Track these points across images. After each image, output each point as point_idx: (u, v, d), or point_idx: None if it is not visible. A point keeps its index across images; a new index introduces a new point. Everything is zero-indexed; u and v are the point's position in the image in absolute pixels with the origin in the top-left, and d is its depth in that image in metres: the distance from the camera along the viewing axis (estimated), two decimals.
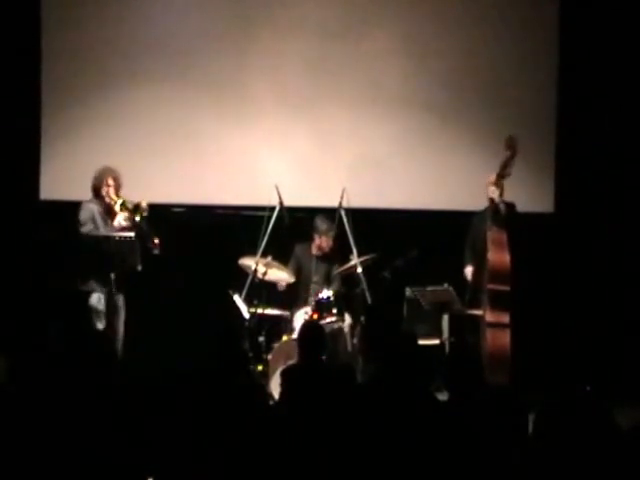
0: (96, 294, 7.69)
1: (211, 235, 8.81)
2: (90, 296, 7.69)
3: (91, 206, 7.82)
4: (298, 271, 8.44)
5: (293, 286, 8.36)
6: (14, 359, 5.08)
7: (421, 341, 6.60)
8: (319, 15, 8.96)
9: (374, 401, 4.99)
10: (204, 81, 8.97)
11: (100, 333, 6.99)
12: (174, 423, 4.73)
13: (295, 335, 7.46)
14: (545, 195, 9.05)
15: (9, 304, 8.47)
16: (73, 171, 8.52)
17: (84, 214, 7.78)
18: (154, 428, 4.65)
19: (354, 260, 8.11)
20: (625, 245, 8.92)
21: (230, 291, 8.04)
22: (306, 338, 5.94)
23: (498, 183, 8.00)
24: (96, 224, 7.78)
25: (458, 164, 8.98)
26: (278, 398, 5.94)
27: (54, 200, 8.77)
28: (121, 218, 7.73)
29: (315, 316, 7.97)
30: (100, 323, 7.66)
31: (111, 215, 7.80)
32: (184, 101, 8.93)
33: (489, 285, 7.84)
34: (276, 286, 8.30)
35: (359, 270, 8.07)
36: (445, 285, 8.07)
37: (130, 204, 7.72)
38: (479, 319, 7.92)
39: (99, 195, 7.84)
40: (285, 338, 7.94)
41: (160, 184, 8.76)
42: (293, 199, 8.44)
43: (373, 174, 8.99)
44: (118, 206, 7.74)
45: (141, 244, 7.66)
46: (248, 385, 5.41)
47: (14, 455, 4.33)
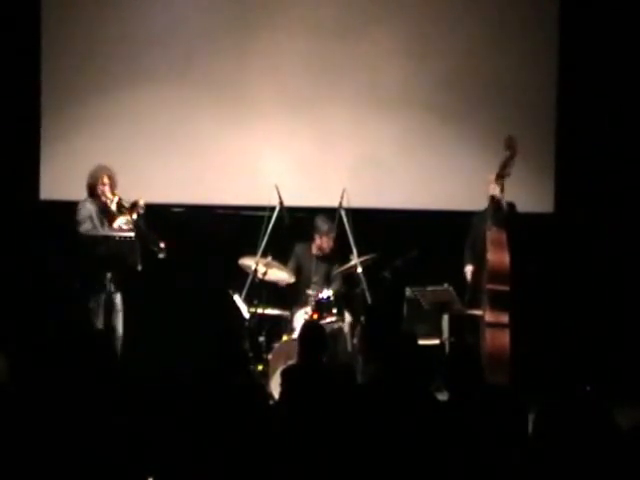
0: (95, 294, 7.69)
1: (211, 235, 8.81)
2: (89, 296, 7.69)
3: (88, 205, 7.80)
4: (298, 271, 8.44)
5: (293, 286, 8.36)
6: (14, 359, 5.08)
7: (421, 341, 6.60)
8: (319, 15, 8.96)
9: (374, 401, 4.99)
10: (204, 81, 8.96)
11: (99, 332, 6.98)
12: (174, 423, 4.73)
13: (295, 335, 7.46)
14: (545, 195, 9.05)
15: (9, 304, 8.46)
16: (73, 171, 8.49)
17: (82, 213, 7.76)
18: (154, 428, 4.65)
19: (354, 260, 8.11)
20: (625, 245, 8.92)
21: (230, 291, 8.04)
22: (307, 338, 5.95)
23: (498, 183, 8.01)
24: (94, 223, 7.77)
25: (458, 164, 8.98)
26: (278, 398, 5.93)
27: (54, 200, 8.76)
28: (122, 222, 7.71)
29: (315, 316, 7.98)
30: (99, 323, 7.66)
31: (107, 214, 7.79)
32: (184, 101, 8.92)
33: (489, 285, 7.84)
34: (276, 286, 8.30)
35: (359, 270, 8.08)
36: (445, 285, 8.06)
37: (126, 202, 7.72)
38: (479, 319, 7.92)
39: (94, 194, 7.82)
40: (285, 338, 7.94)
41: (160, 184, 8.76)
42: (293, 199, 8.44)
43: (373, 174, 8.99)
44: (114, 204, 7.73)
45: (141, 244, 7.66)
46: (248, 385, 5.41)
47: (14, 455, 4.33)
